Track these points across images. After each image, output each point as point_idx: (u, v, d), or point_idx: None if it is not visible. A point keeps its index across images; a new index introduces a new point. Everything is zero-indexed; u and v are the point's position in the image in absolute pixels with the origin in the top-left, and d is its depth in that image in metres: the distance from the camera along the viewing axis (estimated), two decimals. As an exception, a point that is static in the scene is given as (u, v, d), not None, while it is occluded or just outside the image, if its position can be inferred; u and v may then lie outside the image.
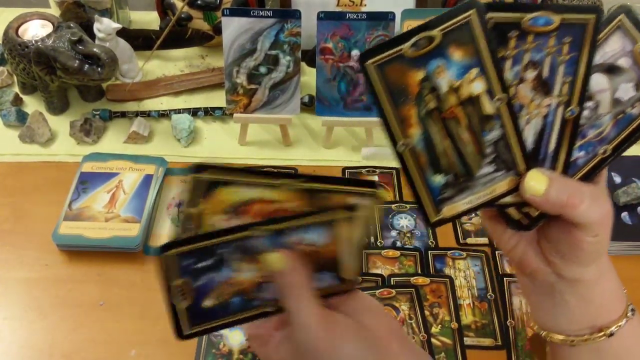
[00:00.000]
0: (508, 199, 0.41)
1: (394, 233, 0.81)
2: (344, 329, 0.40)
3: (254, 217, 0.40)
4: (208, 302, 0.41)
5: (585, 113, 0.39)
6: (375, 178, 0.88)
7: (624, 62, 0.38)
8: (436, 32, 0.35)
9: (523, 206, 0.41)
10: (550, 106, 0.38)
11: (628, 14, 0.37)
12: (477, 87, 0.37)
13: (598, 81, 0.38)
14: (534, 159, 0.40)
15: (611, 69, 0.39)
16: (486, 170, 0.39)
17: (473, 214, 0.83)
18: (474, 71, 0.37)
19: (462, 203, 0.40)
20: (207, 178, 0.38)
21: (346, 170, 0.89)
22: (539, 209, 0.41)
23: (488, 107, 0.38)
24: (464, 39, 0.36)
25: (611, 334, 0.43)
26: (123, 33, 1.00)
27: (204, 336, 0.70)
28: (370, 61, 0.35)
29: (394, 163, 0.89)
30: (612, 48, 0.38)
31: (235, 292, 0.41)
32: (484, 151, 0.39)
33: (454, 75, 0.37)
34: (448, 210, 0.40)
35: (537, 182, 0.39)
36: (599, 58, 0.38)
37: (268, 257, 0.40)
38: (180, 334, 0.42)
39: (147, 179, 0.84)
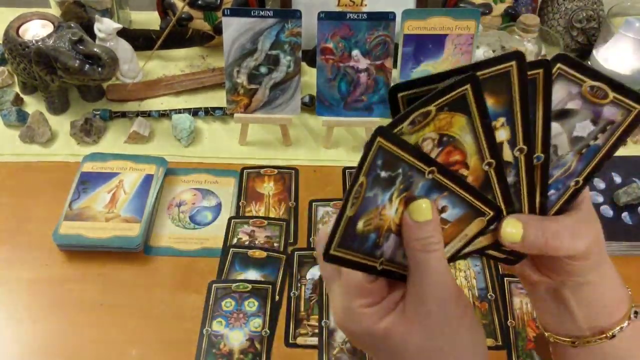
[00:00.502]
0: (485, 243, 0.41)
1: (394, 233, 0.81)
2: (470, 309, 0.38)
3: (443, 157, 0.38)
4: (360, 226, 0.37)
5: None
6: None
7: (573, 104, 0.39)
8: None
9: (501, 247, 0.42)
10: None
11: (565, 61, 0.38)
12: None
13: (551, 127, 0.39)
14: (510, 204, 0.40)
15: (562, 114, 0.40)
16: None
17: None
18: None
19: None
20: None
21: (346, 171, 0.89)
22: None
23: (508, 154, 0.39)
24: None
25: (613, 336, 0.43)
26: (123, 33, 1.00)
27: (205, 336, 0.70)
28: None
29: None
30: (557, 96, 0.39)
31: (378, 227, 0.38)
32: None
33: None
34: None
35: (513, 228, 0.40)
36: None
37: (417, 203, 0.37)
38: (327, 253, 0.36)
39: (148, 179, 0.84)
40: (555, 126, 0.39)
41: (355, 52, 0.85)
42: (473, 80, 0.35)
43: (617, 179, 0.84)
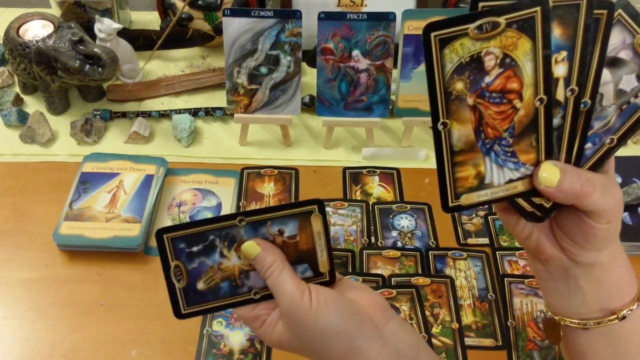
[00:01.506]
0: (521, 189, 0.41)
1: (394, 233, 0.81)
2: (327, 298, 0.43)
3: None
4: (201, 285, 0.47)
5: None
6: (376, 178, 0.88)
7: (624, 54, 0.40)
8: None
9: (534, 196, 0.42)
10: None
11: (625, 8, 0.39)
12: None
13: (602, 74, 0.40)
14: (550, 151, 0.41)
15: (613, 62, 0.40)
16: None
17: (474, 213, 0.83)
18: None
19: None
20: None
21: (347, 171, 0.89)
22: (552, 200, 0.42)
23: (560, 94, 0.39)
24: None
25: (623, 317, 0.44)
26: (124, 33, 1.00)
27: (205, 336, 0.70)
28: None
29: (395, 163, 0.90)
30: (612, 42, 0.39)
31: (225, 277, 0.47)
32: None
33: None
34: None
35: (550, 173, 0.40)
36: None
37: (244, 246, 0.46)
38: (179, 313, 0.48)
39: (148, 179, 0.84)
40: (605, 73, 0.40)
41: (356, 53, 0.85)
42: (543, 4, 0.36)
43: (617, 179, 0.84)
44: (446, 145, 0.39)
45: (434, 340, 0.70)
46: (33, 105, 0.98)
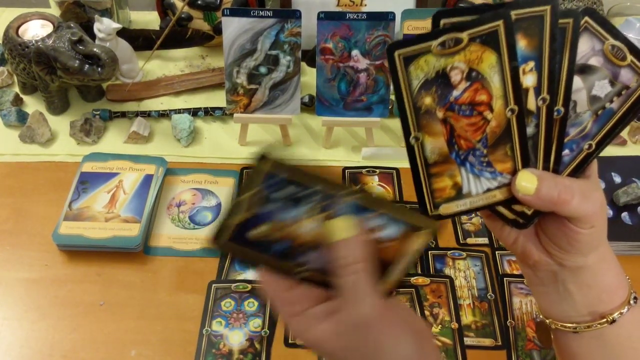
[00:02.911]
0: (500, 197, 0.42)
1: (394, 233, 0.81)
2: (398, 318, 0.39)
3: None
4: (256, 232, 0.40)
5: None
6: (376, 178, 0.88)
7: (595, 61, 0.40)
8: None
9: (514, 204, 0.42)
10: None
11: (592, 16, 0.39)
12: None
13: (574, 81, 0.40)
14: (526, 160, 0.41)
15: (583, 69, 0.40)
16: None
17: (472, 214, 0.83)
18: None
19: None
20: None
21: (346, 171, 0.89)
22: (532, 207, 0.42)
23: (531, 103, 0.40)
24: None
25: (613, 321, 0.44)
26: (123, 33, 1.00)
27: (204, 336, 0.70)
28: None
29: (394, 163, 0.90)
30: (581, 49, 0.39)
31: (283, 238, 0.40)
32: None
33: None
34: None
35: (527, 181, 0.40)
36: None
37: (339, 221, 0.39)
38: (217, 240, 0.40)
39: (147, 179, 0.84)
40: (576, 81, 0.40)
41: (355, 52, 0.85)
42: (505, 17, 0.36)
43: (617, 179, 0.84)
44: (420, 158, 0.40)
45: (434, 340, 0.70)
46: (32, 105, 0.98)
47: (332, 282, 0.40)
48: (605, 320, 0.44)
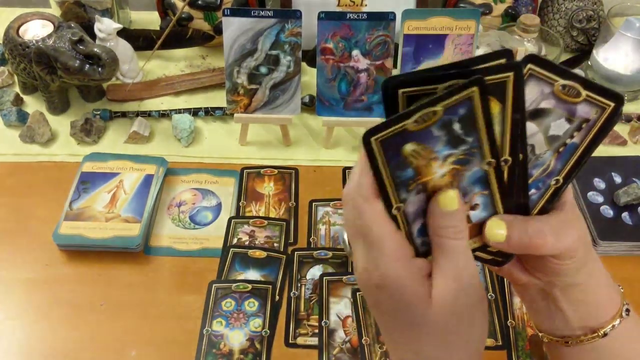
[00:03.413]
0: (478, 244, 0.42)
1: (394, 233, 0.81)
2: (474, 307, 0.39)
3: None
4: (406, 148, 0.37)
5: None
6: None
7: (546, 104, 0.39)
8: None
9: (489, 248, 0.42)
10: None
11: (535, 61, 0.38)
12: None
13: (527, 128, 0.39)
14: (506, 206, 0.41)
15: (536, 114, 0.40)
16: None
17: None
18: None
19: None
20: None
21: (346, 171, 0.89)
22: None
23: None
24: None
25: (605, 334, 0.44)
26: (124, 33, 1.00)
27: (205, 336, 0.70)
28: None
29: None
30: (530, 97, 0.39)
31: (417, 168, 0.38)
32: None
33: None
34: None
35: (497, 228, 0.40)
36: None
37: (446, 192, 0.38)
38: (372, 134, 0.36)
39: (148, 179, 0.84)
40: (530, 126, 0.39)
41: (356, 52, 0.85)
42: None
43: (617, 179, 0.84)
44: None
45: (433, 340, 0.70)
46: (33, 105, 0.98)
47: (413, 234, 0.39)
48: (596, 334, 0.44)
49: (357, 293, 0.74)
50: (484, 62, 0.36)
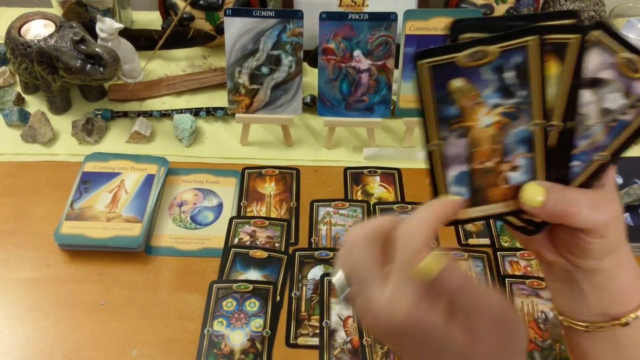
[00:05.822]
0: (513, 207, 0.41)
1: (395, 234, 0.81)
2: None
3: None
4: (453, 82, 0.38)
5: None
6: (377, 178, 0.88)
7: (606, 74, 0.39)
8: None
9: (522, 214, 0.42)
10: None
11: (603, 28, 0.38)
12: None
13: (581, 96, 0.39)
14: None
15: (594, 83, 0.39)
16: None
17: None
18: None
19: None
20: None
21: (348, 171, 0.89)
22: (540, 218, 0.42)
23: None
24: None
25: (626, 323, 0.44)
26: (125, 33, 1.00)
27: (206, 336, 0.70)
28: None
29: (396, 164, 0.90)
30: (591, 64, 0.39)
31: (461, 108, 0.38)
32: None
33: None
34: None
35: (534, 193, 0.40)
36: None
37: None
38: (425, 55, 0.39)
39: (149, 179, 0.84)
40: (585, 94, 0.39)
41: (357, 53, 0.85)
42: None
43: (618, 180, 0.84)
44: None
45: (434, 341, 0.70)
46: (34, 104, 0.98)
47: (447, 179, 0.39)
48: (617, 322, 0.44)
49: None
50: (552, 20, 0.36)
